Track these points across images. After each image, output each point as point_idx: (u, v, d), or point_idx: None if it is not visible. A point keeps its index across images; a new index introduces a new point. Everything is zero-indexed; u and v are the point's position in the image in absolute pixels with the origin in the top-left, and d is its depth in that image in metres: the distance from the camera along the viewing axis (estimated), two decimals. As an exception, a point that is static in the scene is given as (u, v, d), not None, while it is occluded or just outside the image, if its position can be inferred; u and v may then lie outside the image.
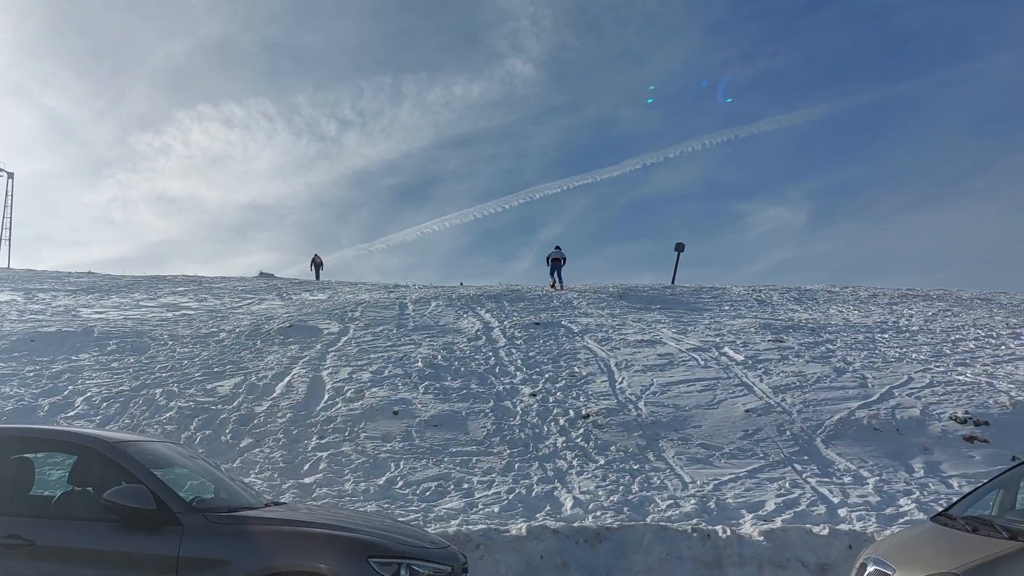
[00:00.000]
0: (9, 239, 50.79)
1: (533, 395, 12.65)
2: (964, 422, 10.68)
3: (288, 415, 11.93)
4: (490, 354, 15.32)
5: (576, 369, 14.12)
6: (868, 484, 9.22)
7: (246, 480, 9.80)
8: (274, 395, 12.86)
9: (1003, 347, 15.37)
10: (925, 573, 4.75)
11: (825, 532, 7.04)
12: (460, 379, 13.65)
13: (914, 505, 8.41)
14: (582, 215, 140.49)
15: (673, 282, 33.42)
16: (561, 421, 11.51)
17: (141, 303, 25.48)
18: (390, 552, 4.20)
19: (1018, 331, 17.06)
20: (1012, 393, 11.82)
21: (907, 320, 19.29)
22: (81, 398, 12.64)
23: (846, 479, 9.39)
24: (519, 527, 7.10)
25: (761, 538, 6.97)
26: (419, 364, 14.43)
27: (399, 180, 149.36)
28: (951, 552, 4.88)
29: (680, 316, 19.72)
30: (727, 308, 22.04)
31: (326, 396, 12.78)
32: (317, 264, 39.38)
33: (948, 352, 14.93)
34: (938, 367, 13.64)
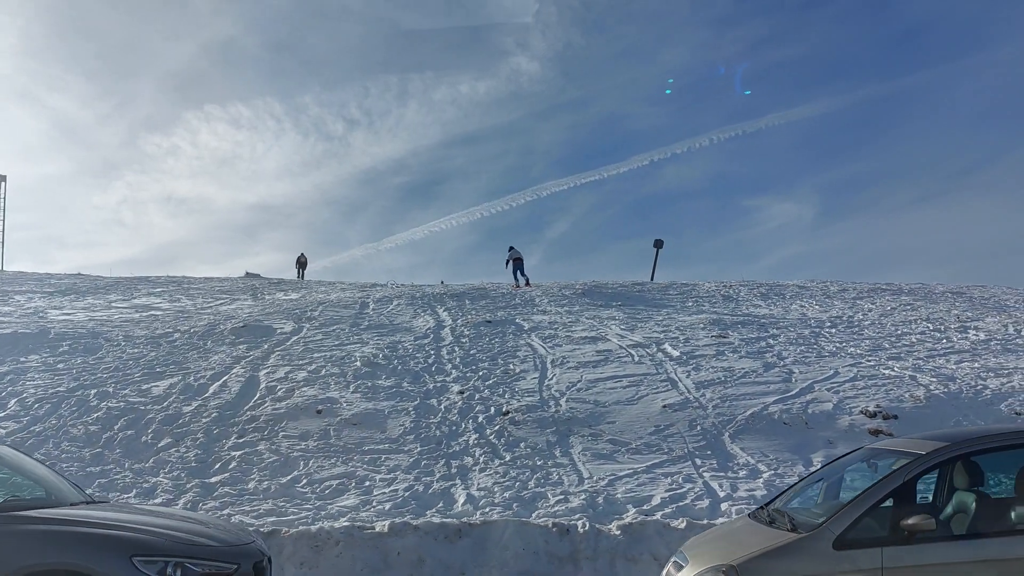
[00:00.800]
0: (2, 242, 51.09)
1: (461, 393, 12.75)
2: (873, 416, 10.71)
3: (214, 415, 12.06)
4: (432, 352, 15.42)
5: (511, 367, 14.21)
6: (762, 478, 9.28)
7: (153, 480, 9.95)
8: (206, 395, 12.99)
9: (944, 341, 15.36)
10: (708, 565, 4.83)
11: (682, 525, 7.11)
12: (394, 378, 13.76)
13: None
14: (589, 212, 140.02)
15: (652, 278, 33.48)
16: (480, 418, 11.60)
17: (113, 304, 25.67)
18: (156, 550, 4.30)
19: (967, 325, 17.03)
20: (931, 387, 11.84)
21: (863, 315, 19.28)
22: (15, 399, 12.79)
23: (742, 473, 9.45)
24: (383, 524, 7.20)
25: (618, 532, 7.05)
26: (357, 363, 14.54)
27: (406, 179, 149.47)
28: (739, 545, 4.96)
29: (636, 313, 19.77)
30: (690, 304, 22.08)
31: (256, 395, 12.91)
32: (301, 264, 39.60)
33: (887, 346, 14.93)
34: (869, 361, 13.65)
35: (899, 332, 16.42)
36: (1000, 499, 5.17)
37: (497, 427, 11.22)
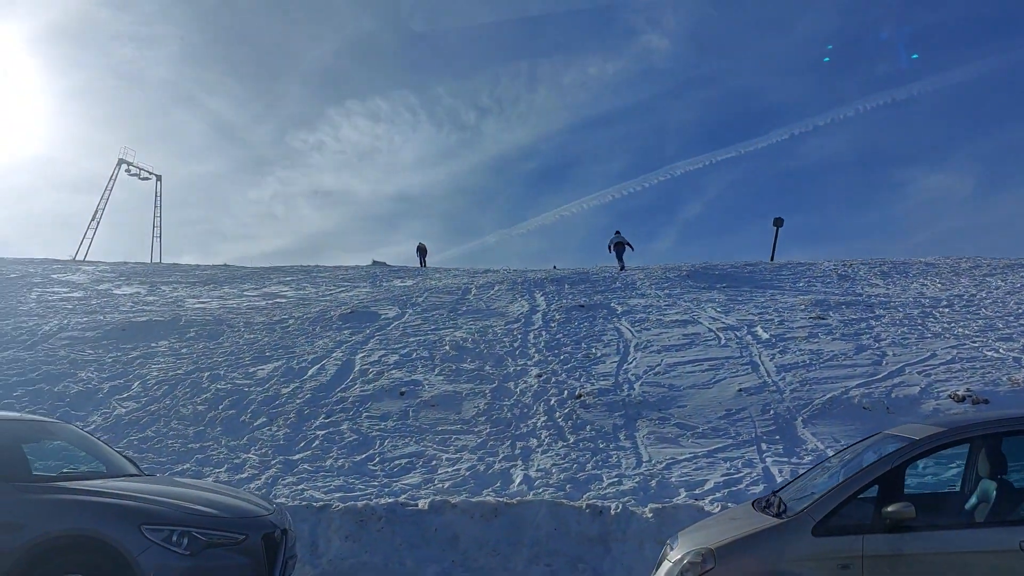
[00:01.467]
0: (160, 235, 55.70)
1: (538, 376, 12.97)
2: (962, 400, 10.10)
3: (308, 396, 12.86)
4: (519, 336, 15.70)
5: (593, 350, 14.29)
6: (826, 465, 8.97)
7: (243, 456, 10.76)
8: (304, 378, 13.83)
9: (1069, 320, 14.15)
10: (691, 548, 4.86)
11: (716, 509, 7.04)
12: (478, 361, 14.14)
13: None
14: (725, 190, 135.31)
15: (772, 258, 32.37)
16: (552, 401, 11.78)
17: (245, 292, 27.45)
18: (163, 519, 4.79)
19: (1103, 302, 15.59)
20: (1035, 370, 11.00)
21: (987, 293, 17.98)
22: (139, 382, 14.08)
23: (807, 459, 9.18)
24: (424, 502, 7.55)
25: (650, 515, 7.07)
26: (446, 347, 15.03)
27: (537, 164, 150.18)
28: (726, 529, 4.95)
29: (739, 295, 19.28)
30: (801, 284, 21.30)
31: (349, 378, 13.64)
32: (422, 252, 40.90)
33: (1000, 326, 13.91)
34: (974, 342, 12.80)
35: (1021, 311, 15.24)
36: (1011, 488, 4.89)
37: (567, 410, 11.37)
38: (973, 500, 5.14)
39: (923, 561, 4.34)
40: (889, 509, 4.37)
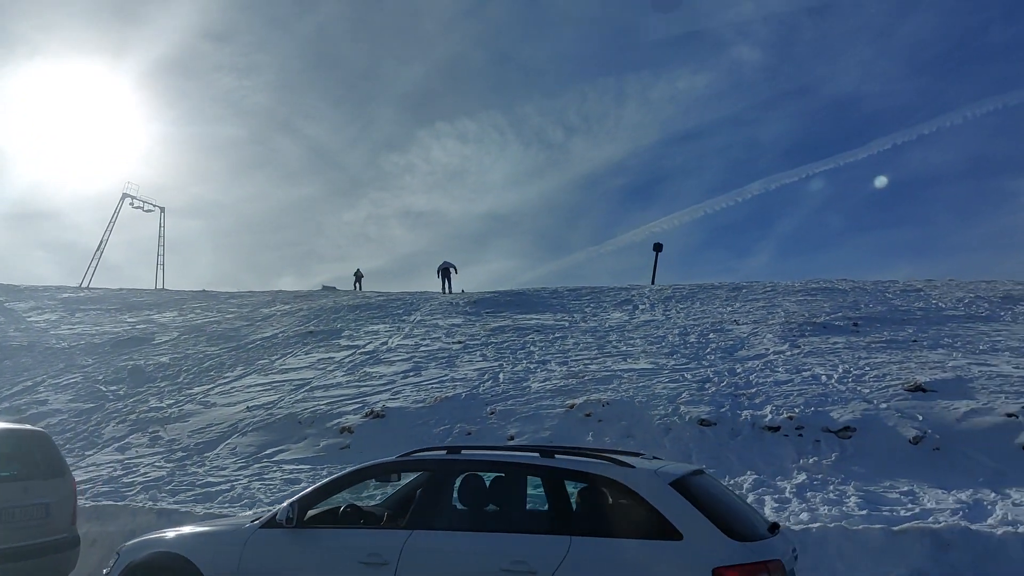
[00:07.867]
0: (163, 264, 59.77)
1: (158, 397, 14.89)
2: (368, 415, 11.47)
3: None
4: (212, 361, 17.66)
5: (216, 373, 16.12)
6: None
7: None
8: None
9: (649, 344, 15.01)
10: None
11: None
12: (137, 385, 16.15)
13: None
14: (823, 204, 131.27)
15: (653, 282, 33.20)
16: (116, 419, 13.70)
17: (134, 319, 30.00)
18: None
19: (721, 327, 16.26)
20: (442, 394, 12.17)
21: (676, 319, 18.72)
22: None
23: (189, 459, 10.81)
24: None
25: None
26: (126, 372, 17.08)
27: (626, 180, 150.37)
28: None
29: (478, 321, 20.53)
30: (561, 311, 22.23)
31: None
32: (358, 277, 43.43)
33: (580, 349, 14.94)
34: (512, 365, 13.97)
35: (648, 336, 16.16)
36: None
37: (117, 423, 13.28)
38: None
39: None
40: None
